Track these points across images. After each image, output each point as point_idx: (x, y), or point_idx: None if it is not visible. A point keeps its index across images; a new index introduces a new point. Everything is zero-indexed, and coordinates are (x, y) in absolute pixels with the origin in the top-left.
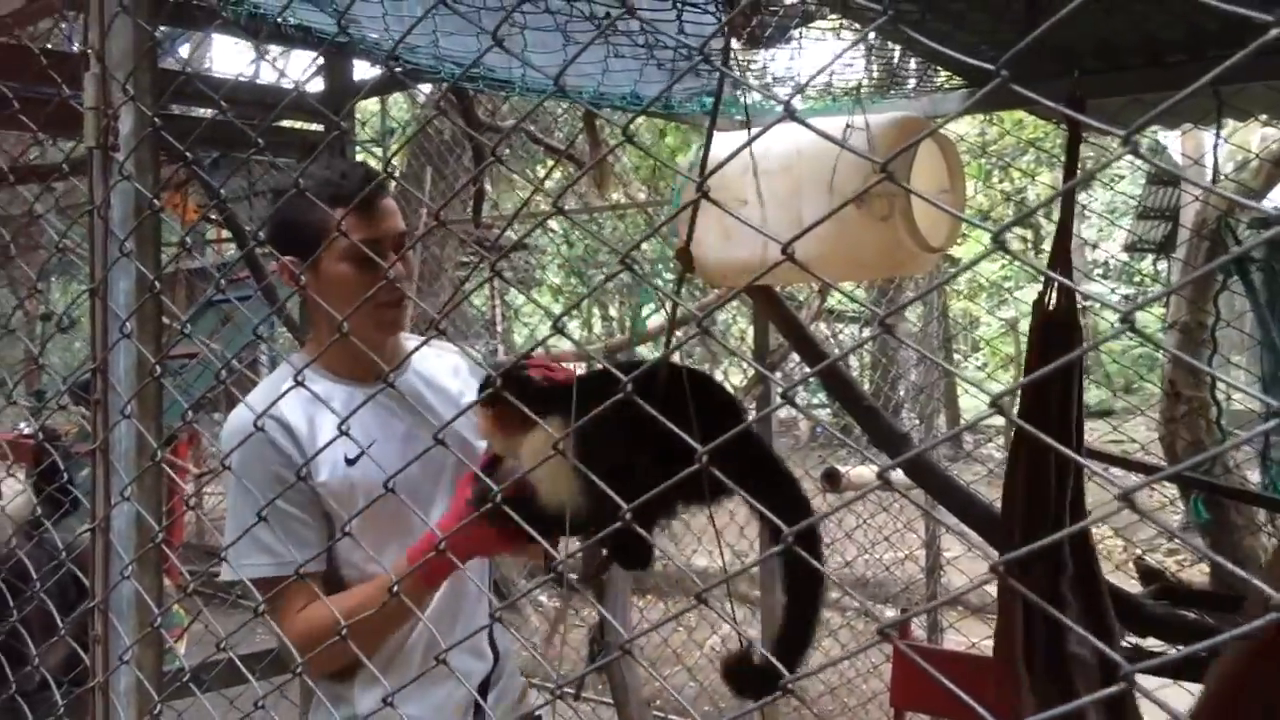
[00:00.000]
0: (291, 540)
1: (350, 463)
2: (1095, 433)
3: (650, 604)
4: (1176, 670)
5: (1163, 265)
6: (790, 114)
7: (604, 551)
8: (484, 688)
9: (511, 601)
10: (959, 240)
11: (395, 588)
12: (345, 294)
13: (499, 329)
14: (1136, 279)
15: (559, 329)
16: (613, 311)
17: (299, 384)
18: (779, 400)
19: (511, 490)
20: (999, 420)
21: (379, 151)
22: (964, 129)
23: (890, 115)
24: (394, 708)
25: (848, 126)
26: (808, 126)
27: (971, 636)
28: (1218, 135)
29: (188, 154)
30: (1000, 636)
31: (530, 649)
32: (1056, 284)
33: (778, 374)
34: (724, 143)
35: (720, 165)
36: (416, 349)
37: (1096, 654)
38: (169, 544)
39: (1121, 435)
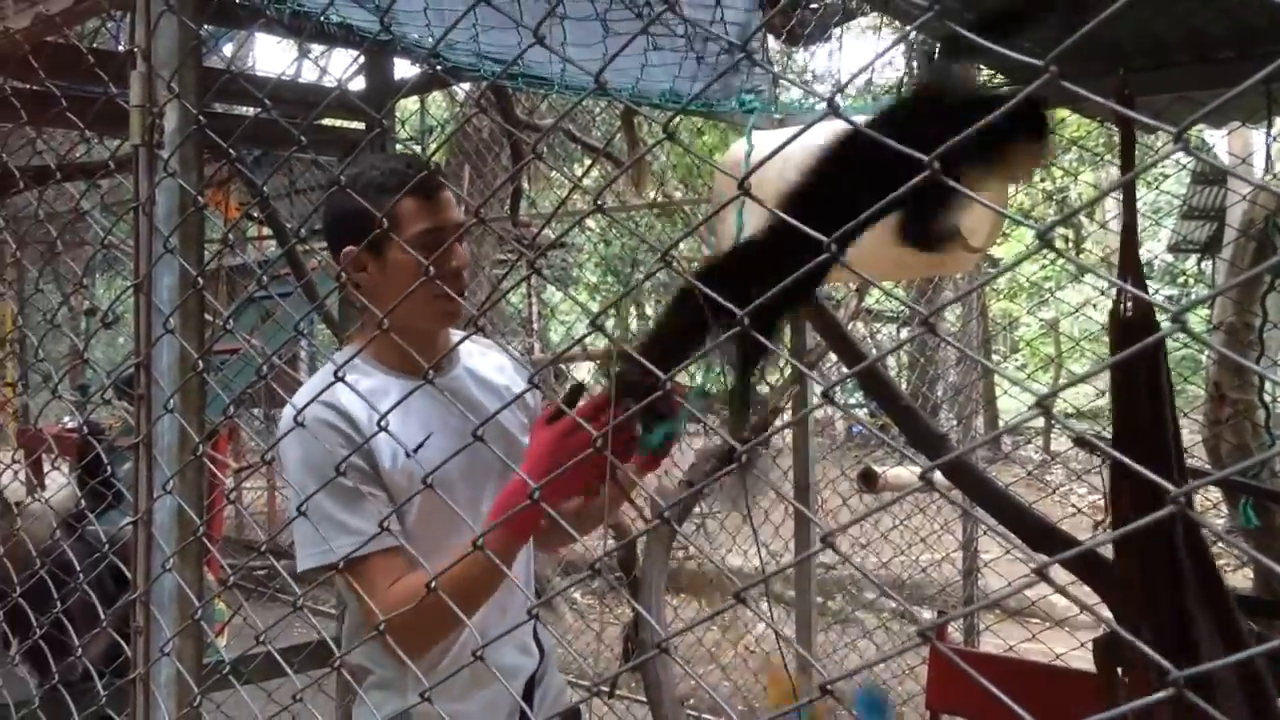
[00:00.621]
0: (372, 520)
1: (409, 455)
2: None
3: (684, 602)
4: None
5: (1206, 265)
6: (834, 110)
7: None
8: (530, 684)
9: (548, 599)
10: (999, 240)
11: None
12: (411, 283)
13: (535, 326)
14: (1180, 279)
15: (598, 326)
16: (649, 310)
17: (338, 379)
18: (818, 399)
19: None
20: (1038, 421)
21: (418, 149)
22: None
23: None
24: (430, 703)
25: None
26: (851, 124)
27: (1009, 639)
28: (1269, 133)
29: (231, 151)
30: (1102, 649)
31: (566, 646)
32: (1129, 290)
33: (814, 374)
34: (763, 141)
35: (762, 162)
36: (460, 342)
37: (1234, 670)
38: (209, 538)
39: None
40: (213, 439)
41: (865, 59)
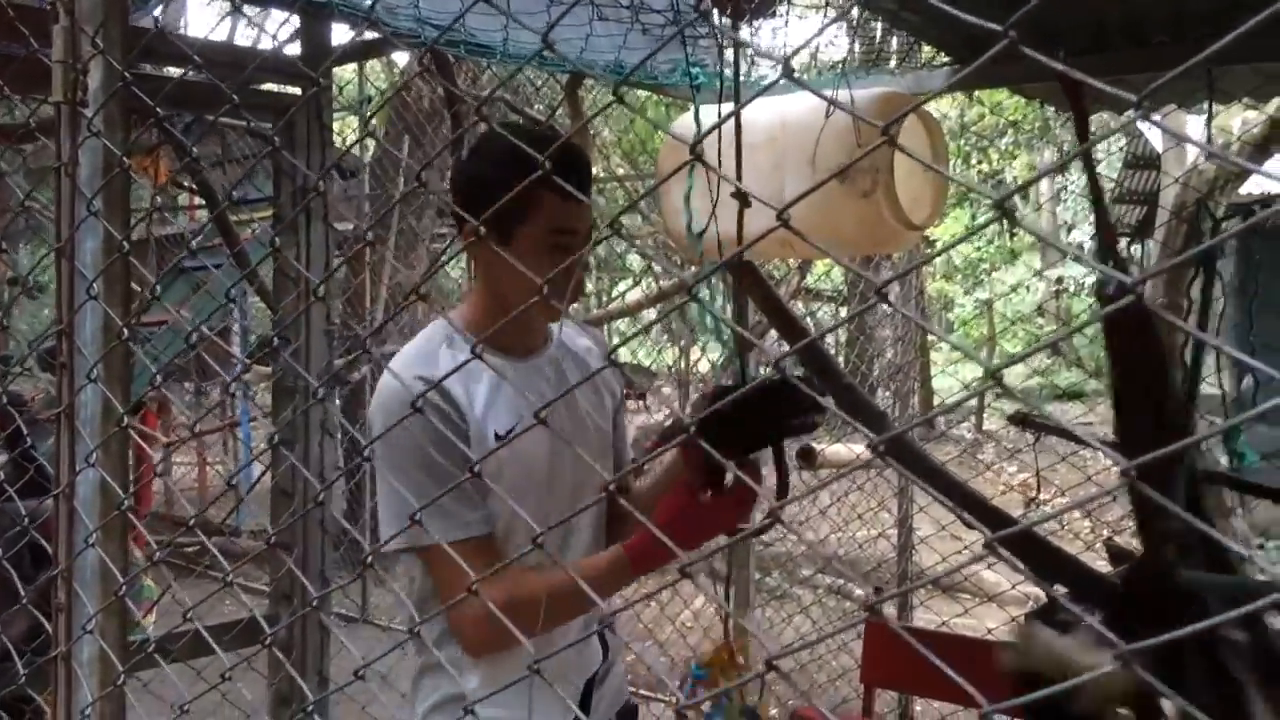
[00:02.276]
0: (466, 503)
1: (499, 439)
2: (1068, 414)
3: None
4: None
5: (1137, 249)
6: (789, 74)
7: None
8: (590, 683)
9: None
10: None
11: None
12: (531, 271)
13: None
14: (1111, 262)
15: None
16: (589, 286)
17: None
18: (769, 370)
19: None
20: (972, 402)
21: (354, 120)
22: (945, 108)
23: (873, 91)
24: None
25: (832, 101)
26: (804, 86)
27: (942, 615)
28: (1209, 112)
29: (159, 110)
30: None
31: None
32: (1112, 264)
33: (755, 351)
34: (709, 115)
35: (715, 126)
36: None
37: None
38: (136, 513)
39: (1095, 416)
40: (139, 412)
41: (810, 36)
